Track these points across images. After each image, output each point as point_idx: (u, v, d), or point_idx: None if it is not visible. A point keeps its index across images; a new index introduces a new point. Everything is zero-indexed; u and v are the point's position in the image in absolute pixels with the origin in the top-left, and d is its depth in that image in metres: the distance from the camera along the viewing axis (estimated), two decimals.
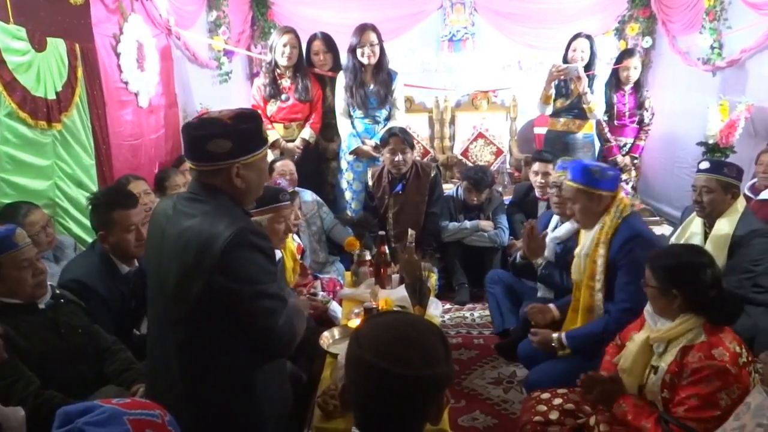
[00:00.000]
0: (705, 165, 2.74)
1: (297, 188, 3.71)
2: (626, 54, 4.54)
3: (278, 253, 2.52)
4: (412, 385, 1.00)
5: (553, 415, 1.95)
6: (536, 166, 3.74)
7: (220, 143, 1.50)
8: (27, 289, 1.81)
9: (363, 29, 3.95)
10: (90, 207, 2.24)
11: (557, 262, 2.94)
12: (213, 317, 1.50)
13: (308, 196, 3.84)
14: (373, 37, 3.94)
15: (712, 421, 1.60)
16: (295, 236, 3.27)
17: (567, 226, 2.93)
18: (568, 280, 2.64)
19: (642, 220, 2.53)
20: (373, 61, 3.98)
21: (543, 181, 3.65)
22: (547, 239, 3.00)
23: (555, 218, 3.04)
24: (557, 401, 2.00)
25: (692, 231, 2.86)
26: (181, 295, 1.50)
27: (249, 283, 1.49)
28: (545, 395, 2.06)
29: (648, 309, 1.88)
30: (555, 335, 2.42)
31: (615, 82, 4.52)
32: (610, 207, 2.33)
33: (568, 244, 2.90)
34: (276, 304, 1.55)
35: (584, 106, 4.21)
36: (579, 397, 2.00)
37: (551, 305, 2.65)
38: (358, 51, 3.95)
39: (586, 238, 2.42)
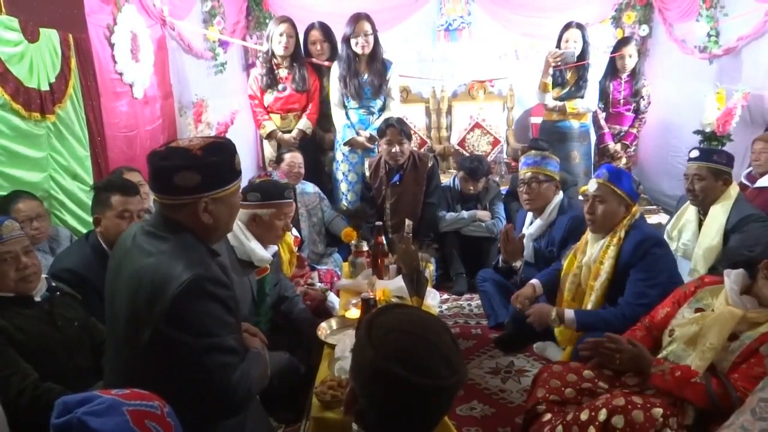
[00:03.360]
0: (695, 153, 2.78)
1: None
2: (622, 42, 4.56)
3: (274, 248, 2.52)
4: (440, 395, 0.98)
5: (569, 392, 1.95)
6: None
7: (188, 176, 1.38)
8: (9, 283, 1.78)
9: (357, 19, 3.92)
10: (93, 193, 2.25)
11: (536, 259, 2.98)
12: (162, 368, 1.37)
13: (310, 188, 3.85)
14: (367, 26, 3.92)
15: None
16: (294, 229, 3.26)
17: (538, 223, 2.97)
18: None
19: (646, 220, 2.58)
20: (367, 51, 3.96)
21: None
22: (525, 239, 3.04)
23: (530, 215, 3.07)
24: (571, 377, 2.00)
25: (687, 219, 2.88)
26: (130, 340, 1.40)
27: (201, 335, 1.37)
28: (557, 367, 2.07)
29: (734, 287, 1.83)
30: (554, 311, 2.43)
31: (612, 70, 4.53)
32: (625, 218, 2.39)
33: (541, 241, 2.99)
34: (230, 359, 1.42)
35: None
36: (594, 371, 2.01)
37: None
38: (352, 41, 3.93)
39: (593, 247, 2.45)
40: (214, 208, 1.45)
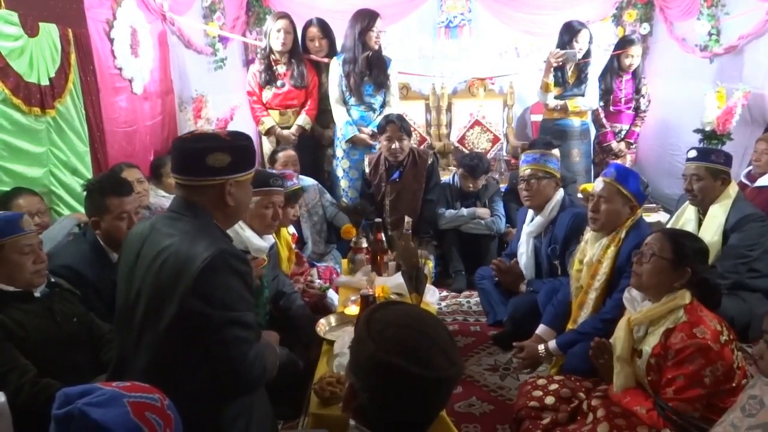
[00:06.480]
0: (693, 153, 2.77)
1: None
2: (628, 42, 4.53)
3: (270, 239, 2.51)
4: (439, 386, 1.00)
5: (549, 400, 1.96)
6: None
7: (220, 157, 1.49)
8: (26, 276, 1.80)
9: (375, 14, 3.95)
10: (85, 193, 2.23)
11: (536, 256, 2.98)
12: (182, 344, 1.43)
13: (309, 182, 3.82)
14: (380, 23, 3.95)
15: (699, 400, 1.65)
16: (291, 227, 3.25)
17: (539, 220, 2.97)
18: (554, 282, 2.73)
19: (645, 222, 2.52)
20: (376, 47, 3.97)
21: None
22: (523, 234, 3.05)
23: (530, 213, 3.08)
24: (553, 387, 2.01)
25: (686, 218, 2.89)
26: (152, 319, 1.44)
27: (222, 308, 1.42)
28: (542, 381, 2.08)
29: (627, 295, 1.90)
30: (541, 346, 2.43)
31: (616, 67, 4.51)
32: (629, 218, 2.35)
33: (542, 238, 2.99)
34: (248, 334, 1.48)
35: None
36: (574, 383, 2.02)
37: (540, 329, 2.59)
38: (371, 34, 3.92)
39: (593, 247, 2.42)
40: (236, 191, 1.54)
